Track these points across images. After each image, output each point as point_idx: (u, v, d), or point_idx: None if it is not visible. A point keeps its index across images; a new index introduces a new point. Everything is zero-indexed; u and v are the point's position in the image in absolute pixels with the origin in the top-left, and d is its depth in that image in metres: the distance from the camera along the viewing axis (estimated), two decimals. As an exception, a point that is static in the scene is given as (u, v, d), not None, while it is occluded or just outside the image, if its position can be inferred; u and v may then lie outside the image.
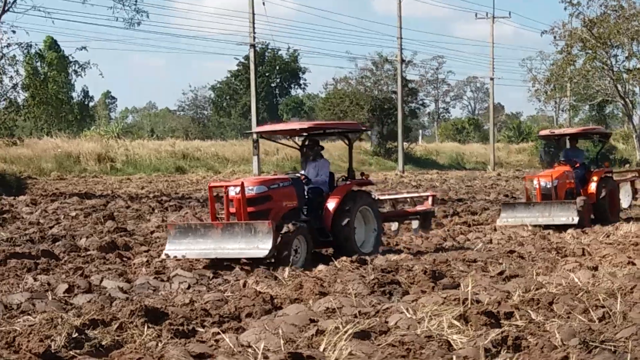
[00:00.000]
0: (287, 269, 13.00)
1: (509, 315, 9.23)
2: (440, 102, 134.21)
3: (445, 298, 9.79)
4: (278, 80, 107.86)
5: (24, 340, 8.12)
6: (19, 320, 9.44)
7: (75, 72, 35.03)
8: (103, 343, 8.30)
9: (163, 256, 14.34)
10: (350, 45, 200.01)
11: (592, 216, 22.46)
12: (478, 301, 9.76)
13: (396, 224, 18.42)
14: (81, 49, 34.83)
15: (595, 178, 23.22)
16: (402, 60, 66.53)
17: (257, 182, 15.00)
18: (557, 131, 25.41)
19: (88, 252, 15.29)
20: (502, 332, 8.13)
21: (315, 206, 15.65)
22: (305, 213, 15.50)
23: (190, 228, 14.47)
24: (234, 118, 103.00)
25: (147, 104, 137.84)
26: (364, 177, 16.86)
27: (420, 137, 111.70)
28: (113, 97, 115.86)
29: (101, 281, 12.34)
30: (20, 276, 12.70)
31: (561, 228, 20.63)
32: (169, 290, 11.78)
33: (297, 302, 10.61)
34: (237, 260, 14.31)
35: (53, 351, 7.88)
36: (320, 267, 13.60)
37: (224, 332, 8.71)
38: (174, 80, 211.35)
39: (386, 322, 9.00)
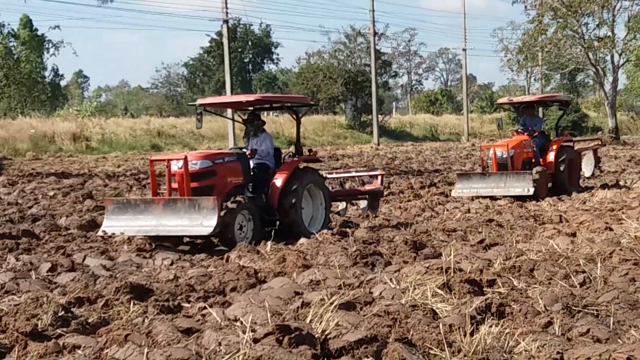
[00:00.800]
0: (269, 243, 13.04)
1: (491, 283, 9.35)
2: (412, 74, 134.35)
3: (427, 268, 9.88)
4: (251, 55, 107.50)
5: (11, 320, 8.14)
6: (3, 300, 9.43)
7: (47, 50, 34.89)
8: (90, 321, 8.34)
9: (100, 233, 13.88)
10: (322, 19, 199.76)
11: (550, 185, 22.10)
12: (460, 270, 9.87)
13: (343, 203, 17.74)
14: (54, 28, 34.72)
15: (554, 147, 22.72)
16: (375, 33, 66.45)
17: (201, 157, 14.30)
18: (515, 99, 24.66)
19: (69, 231, 15.29)
20: (485, 300, 8.24)
21: (261, 183, 15.09)
22: (250, 190, 14.98)
23: (130, 204, 13.77)
24: (207, 94, 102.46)
25: (119, 82, 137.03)
26: (311, 154, 16.27)
27: (394, 110, 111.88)
28: (85, 76, 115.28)
29: (84, 259, 12.35)
30: (2, 256, 12.68)
31: (521, 198, 20.33)
32: (152, 267, 11.83)
33: (280, 275, 10.70)
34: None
35: (40, 330, 7.90)
36: (302, 240, 13.66)
37: (210, 306, 8.76)
38: (147, 58, 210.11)
39: (370, 292, 9.10)
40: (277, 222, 14.86)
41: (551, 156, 22.54)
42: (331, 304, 8.04)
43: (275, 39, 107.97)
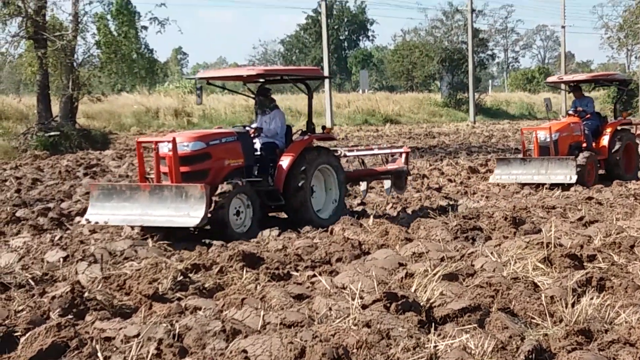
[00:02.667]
0: (371, 217, 13.35)
1: (591, 258, 9.57)
2: (509, 51, 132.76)
3: (528, 242, 10.15)
4: (346, 32, 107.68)
5: (134, 283, 8.72)
6: (124, 265, 10.07)
7: (145, 28, 35.78)
8: (206, 285, 8.88)
9: (83, 222, 12.92)
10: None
11: (603, 172, 20.49)
12: (560, 245, 10.10)
13: (364, 184, 16.55)
14: (160, 6, 35.49)
15: (608, 130, 20.69)
16: (473, 10, 65.95)
17: (193, 138, 13.04)
18: (565, 77, 22.89)
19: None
20: (586, 274, 8.49)
21: (267, 164, 13.91)
22: (256, 173, 13.80)
23: (115, 190, 12.79)
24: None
25: (217, 59, 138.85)
26: (325, 131, 14.84)
27: (490, 88, 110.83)
28: (184, 53, 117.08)
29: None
30: (119, 225, 13.34)
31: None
32: (261, 237, 12.32)
33: (384, 247, 11.07)
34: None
35: (161, 293, 8.47)
36: (404, 215, 13.98)
37: (318, 275, 9.20)
38: (244, 35, 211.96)
39: (472, 265, 9.42)
40: (283, 208, 13.94)
41: (605, 140, 20.58)
42: (434, 274, 8.38)
43: (370, 16, 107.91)
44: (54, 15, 32.50)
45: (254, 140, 13.81)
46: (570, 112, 21.03)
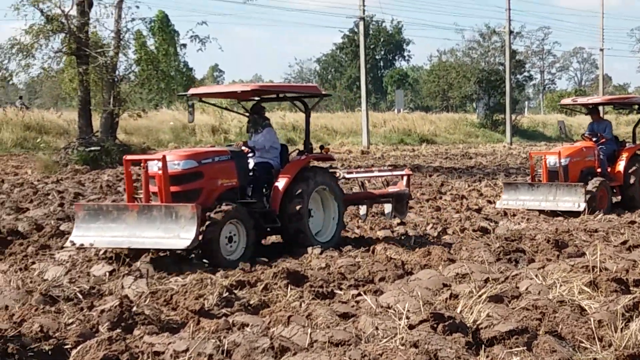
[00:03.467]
0: (412, 236, 13.34)
1: (638, 283, 9.51)
2: (545, 73, 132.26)
3: (572, 266, 10.13)
4: (382, 52, 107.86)
5: (181, 299, 8.82)
6: (169, 280, 10.17)
7: (184, 45, 36.12)
8: (251, 302, 8.93)
9: (68, 244, 12.17)
10: (455, 16, 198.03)
11: (619, 199, 19.66)
12: (605, 269, 10.04)
13: (364, 207, 15.75)
14: (201, 24, 35.80)
15: (624, 155, 19.59)
16: (511, 32, 65.86)
17: (184, 156, 12.43)
18: (580, 100, 21.61)
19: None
20: (633, 298, 8.42)
21: (262, 185, 13.27)
22: (250, 194, 13.18)
23: (102, 210, 12.04)
24: (339, 90, 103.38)
25: (253, 76, 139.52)
26: (323, 151, 14.03)
27: (526, 109, 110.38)
28: (221, 71, 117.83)
29: (238, 246, 12.99)
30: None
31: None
32: (304, 255, 12.36)
33: (427, 267, 11.09)
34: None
35: (207, 309, 8.54)
36: (445, 236, 13.97)
37: (363, 294, 9.22)
38: (280, 54, 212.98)
39: (517, 287, 9.39)
40: (279, 231, 13.30)
41: (620, 166, 19.53)
42: (479, 296, 8.38)
43: (407, 36, 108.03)
44: (95, 32, 32.88)
45: (249, 160, 13.31)
46: (586, 135, 20.16)
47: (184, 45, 36.23)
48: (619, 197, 19.66)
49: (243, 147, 13.26)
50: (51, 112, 44.02)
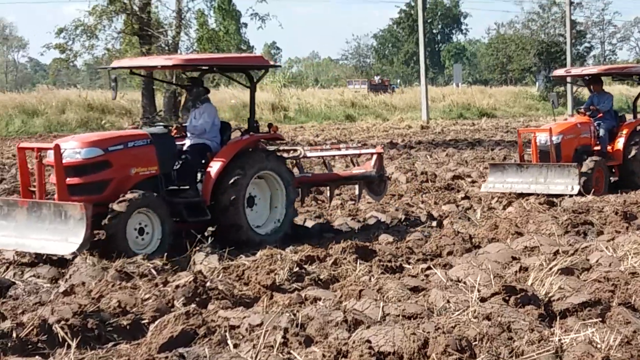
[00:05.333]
0: (478, 210, 13.27)
1: None
2: (606, 44, 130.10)
3: (643, 237, 10.03)
4: (440, 26, 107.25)
5: (253, 274, 8.95)
6: (241, 256, 10.31)
7: (245, 25, 36.35)
8: (321, 277, 9.02)
9: None
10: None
11: (616, 179, 17.36)
12: (678, 240, 9.94)
13: (357, 188, 13.95)
14: (261, 1, 36.10)
15: (624, 132, 17.47)
16: (571, 3, 64.87)
17: (87, 143, 10.73)
18: (574, 70, 19.67)
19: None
20: None
21: (195, 170, 11.68)
22: (179, 181, 11.58)
23: None
24: (396, 66, 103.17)
25: (310, 54, 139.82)
26: (271, 130, 12.41)
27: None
28: (278, 48, 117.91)
29: (304, 222, 13.10)
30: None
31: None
32: (370, 230, 12.41)
33: (494, 241, 11.09)
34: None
35: (278, 284, 8.65)
36: (511, 208, 13.93)
37: (432, 267, 9.27)
38: (337, 30, 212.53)
39: (587, 259, 9.37)
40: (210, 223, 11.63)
41: (619, 143, 17.37)
42: (550, 269, 8.38)
43: (464, 9, 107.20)
44: (156, 13, 33.22)
45: (184, 142, 11.88)
46: (581, 109, 18.02)
47: (245, 25, 36.43)
48: (617, 178, 17.42)
49: (176, 133, 11.85)
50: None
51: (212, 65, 12.59)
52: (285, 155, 12.97)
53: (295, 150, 13.56)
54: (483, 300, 7.33)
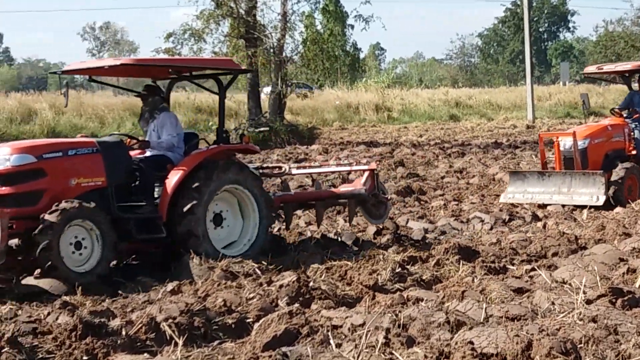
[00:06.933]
0: (584, 210, 13.00)
1: None
2: None
3: None
4: (546, 24, 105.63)
5: (355, 274, 9.01)
6: (343, 256, 10.39)
7: (352, 26, 36.49)
8: (424, 277, 9.01)
9: None
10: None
11: None
12: None
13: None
14: (365, 3, 36.05)
15: None
16: (683, -3, 63.03)
17: (18, 149, 9.85)
18: (607, 67, 17.42)
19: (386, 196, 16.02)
20: None
21: (152, 184, 10.62)
22: (135, 195, 10.49)
23: None
24: (501, 65, 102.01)
25: (414, 54, 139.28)
26: (244, 141, 11.40)
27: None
28: (382, 49, 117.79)
29: (407, 222, 13.11)
30: (332, 218, 13.73)
31: None
32: (473, 231, 12.34)
33: (601, 242, 10.88)
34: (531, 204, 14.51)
35: (380, 284, 8.69)
36: (618, 209, 13.64)
37: (537, 268, 9.16)
38: (441, 30, 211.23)
39: (700, 260, 9.12)
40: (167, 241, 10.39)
41: None
42: (660, 271, 8.19)
43: (571, 7, 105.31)
44: (261, 16, 33.61)
45: (146, 153, 10.93)
46: (616, 109, 16.34)
47: (352, 26, 36.59)
48: None
49: (136, 147, 10.91)
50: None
51: (168, 67, 11.23)
52: (268, 172, 12.22)
53: (279, 168, 12.46)
54: (589, 302, 7.24)
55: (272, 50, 31.90)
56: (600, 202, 13.93)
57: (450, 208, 14.60)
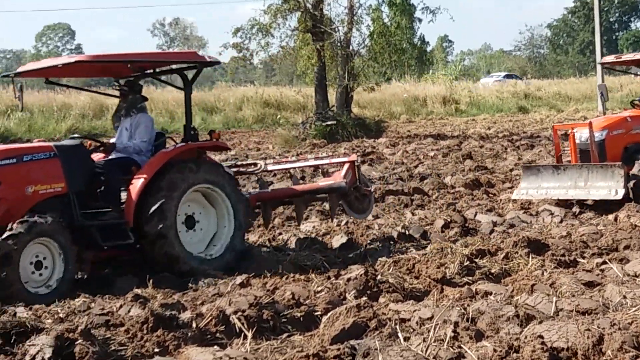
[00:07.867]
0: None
1: None
2: None
3: None
4: (617, 14, 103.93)
5: (423, 267, 8.99)
6: (411, 250, 10.37)
7: (419, 20, 36.33)
8: (492, 271, 8.96)
9: None
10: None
11: None
12: None
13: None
14: (432, -5, 35.96)
15: None
16: None
17: None
18: (625, 56, 16.28)
19: (455, 189, 16.03)
20: None
21: (117, 189, 10.02)
22: (99, 201, 9.88)
23: None
24: (571, 56, 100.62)
25: (482, 45, 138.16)
26: (213, 137, 10.74)
27: None
28: (450, 41, 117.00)
29: (475, 215, 13.04)
30: (399, 211, 13.73)
31: None
32: (543, 224, 12.22)
33: (674, 235, 10.68)
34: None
35: (448, 277, 8.67)
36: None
37: (608, 262, 9.04)
38: (509, 21, 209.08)
39: None
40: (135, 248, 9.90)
41: None
42: None
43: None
44: (329, 9, 33.63)
45: (112, 155, 10.32)
46: (636, 101, 15.39)
47: (419, 20, 36.41)
48: None
49: (101, 150, 10.34)
50: (288, 88, 45.60)
51: (127, 63, 10.39)
52: (242, 169, 11.86)
53: (255, 165, 11.97)
54: (661, 296, 7.13)
55: (339, 43, 31.91)
56: (619, 196, 13.10)
57: (519, 201, 14.42)
